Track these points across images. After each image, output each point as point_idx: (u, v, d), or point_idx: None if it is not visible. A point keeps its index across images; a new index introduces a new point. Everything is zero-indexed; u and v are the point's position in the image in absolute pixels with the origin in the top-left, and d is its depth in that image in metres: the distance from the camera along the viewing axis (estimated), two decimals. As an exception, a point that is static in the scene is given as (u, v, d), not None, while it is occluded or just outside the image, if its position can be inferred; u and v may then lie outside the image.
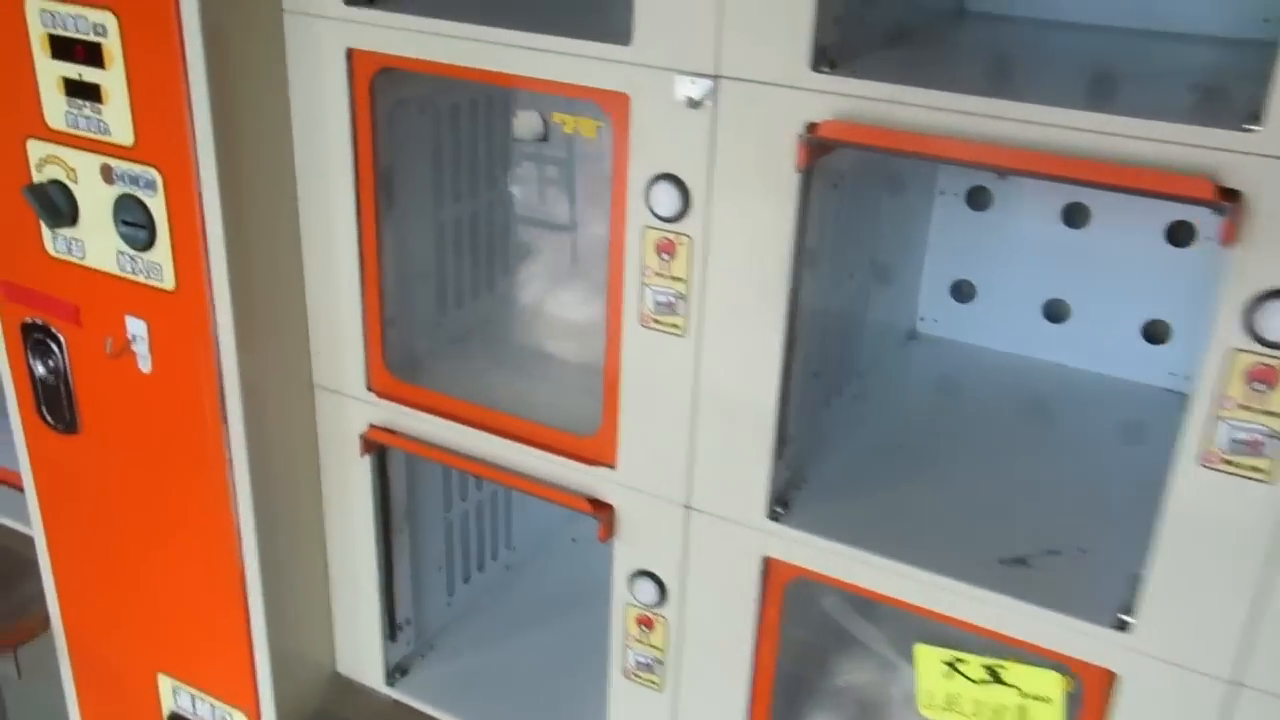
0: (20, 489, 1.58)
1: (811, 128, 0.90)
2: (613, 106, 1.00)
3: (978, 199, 1.43)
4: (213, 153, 1.11)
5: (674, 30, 0.94)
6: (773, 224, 0.96)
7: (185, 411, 1.28)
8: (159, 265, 1.21)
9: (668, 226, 1.01)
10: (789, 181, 0.94)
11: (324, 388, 1.32)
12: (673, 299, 1.04)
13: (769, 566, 1.10)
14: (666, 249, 1.02)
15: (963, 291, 1.49)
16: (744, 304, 1.00)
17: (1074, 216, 1.37)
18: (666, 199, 0.99)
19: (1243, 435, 0.84)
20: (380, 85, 1.14)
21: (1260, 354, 0.82)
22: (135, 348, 1.27)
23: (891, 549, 1.03)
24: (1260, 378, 0.82)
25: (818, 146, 0.91)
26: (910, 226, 1.45)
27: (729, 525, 1.10)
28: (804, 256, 0.98)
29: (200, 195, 1.14)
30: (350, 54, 1.12)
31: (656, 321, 1.05)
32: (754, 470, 1.06)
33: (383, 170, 1.19)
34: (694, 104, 0.95)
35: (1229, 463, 0.86)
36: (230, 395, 1.24)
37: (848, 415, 1.29)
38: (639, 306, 1.06)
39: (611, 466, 1.15)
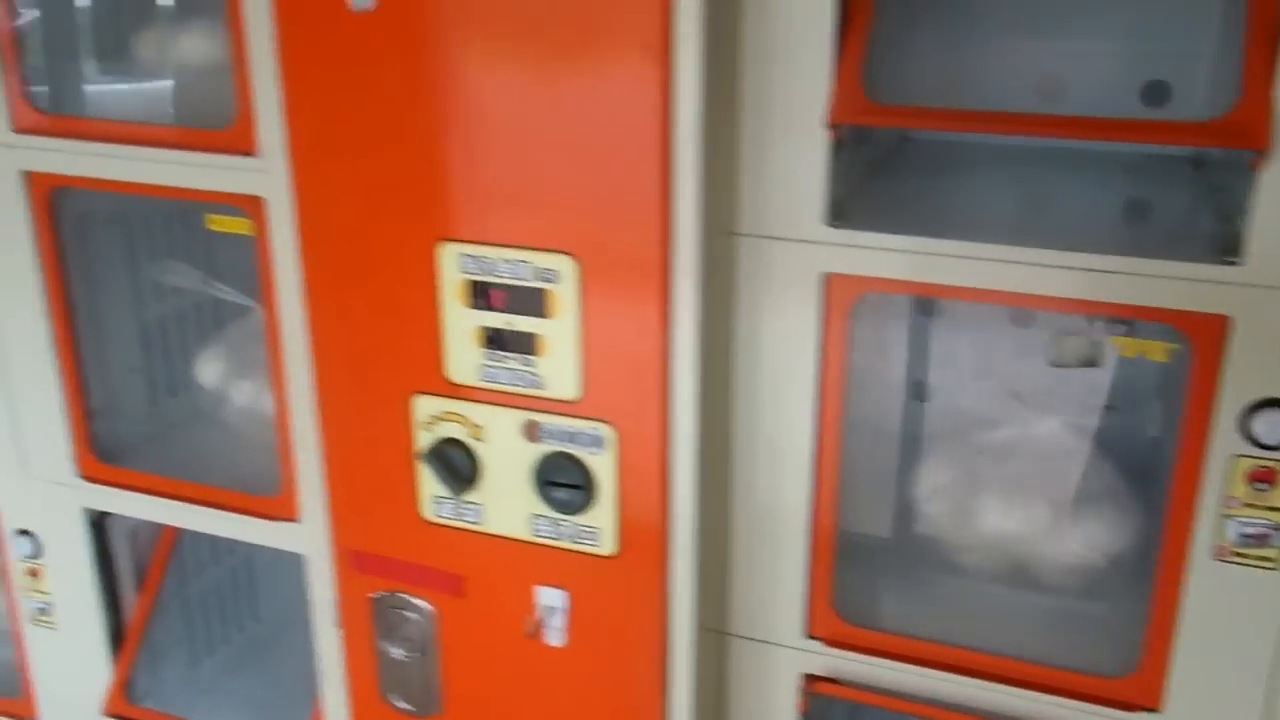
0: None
1: None
2: (1199, 329, 0.90)
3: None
4: (693, 403, 0.98)
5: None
6: None
7: (606, 689, 1.11)
8: (594, 529, 1.05)
9: (1270, 455, 0.91)
10: None
11: (739, 636, 1.16)
12: (1267, 530, 0.93)
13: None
14: (1264, 478, 0.91)
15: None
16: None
17: None
18: (1273, 427, 0.89)
19: None
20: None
21: None
22: (547, 620, 1.10)
23: None
24: None
25: None
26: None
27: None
28: None
29: (670, 451, 1.00)
30: (827, 280, 1.01)
31: (1239, 555, 0.94)
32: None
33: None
34: (1326, 325, 0.86)
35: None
36: (679, 670, 1.07)
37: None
38: (1213, 538, 0.95)
39: (1155, 710, 1.02)
